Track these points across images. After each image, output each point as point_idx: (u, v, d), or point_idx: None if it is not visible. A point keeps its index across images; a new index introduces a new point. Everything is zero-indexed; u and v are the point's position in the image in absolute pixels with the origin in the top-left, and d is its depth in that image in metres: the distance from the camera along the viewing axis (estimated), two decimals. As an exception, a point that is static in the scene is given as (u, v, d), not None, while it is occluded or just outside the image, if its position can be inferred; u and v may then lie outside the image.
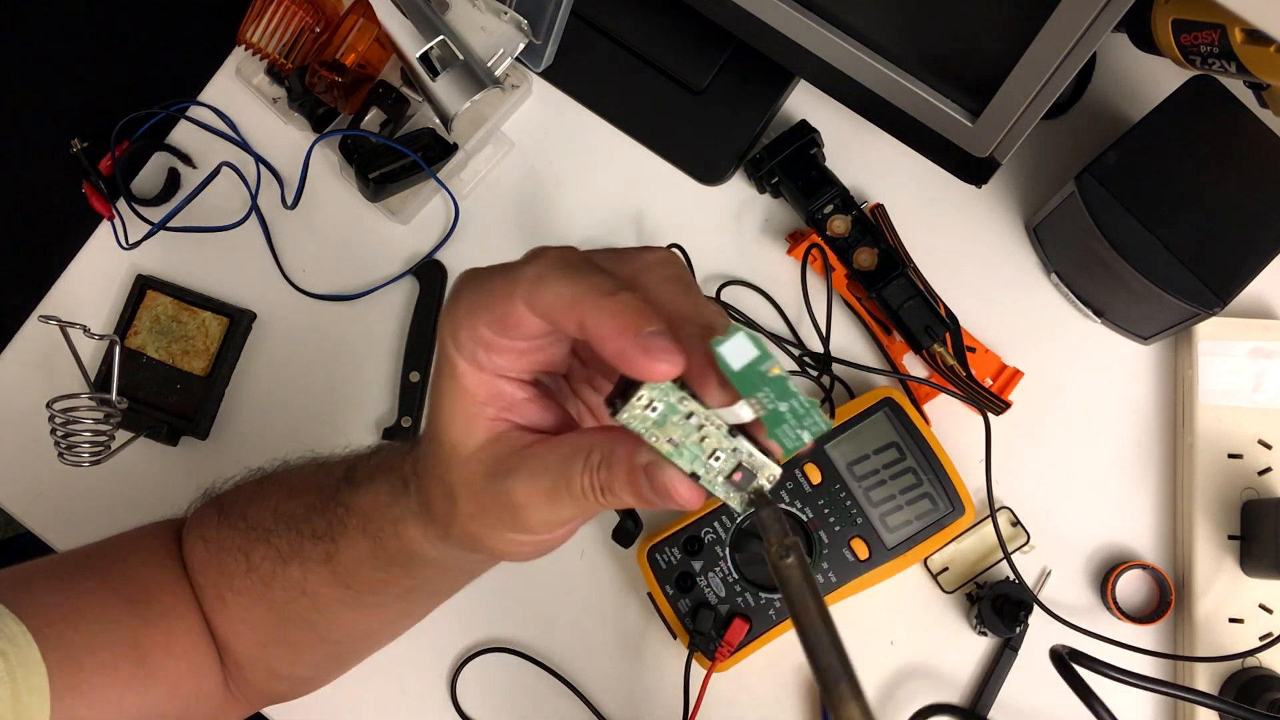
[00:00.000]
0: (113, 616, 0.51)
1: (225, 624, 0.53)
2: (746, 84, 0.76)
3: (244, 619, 0.53)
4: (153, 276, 0.76)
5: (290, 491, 0.51)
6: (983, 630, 0.69)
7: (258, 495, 0.53)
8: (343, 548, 0.47)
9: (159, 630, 0.52)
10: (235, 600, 0.52)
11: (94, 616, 0.50)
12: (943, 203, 0.75)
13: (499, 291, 0.34)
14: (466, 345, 0.36)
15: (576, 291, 0.33)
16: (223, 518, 0.53)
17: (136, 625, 0.51)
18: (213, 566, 0.53)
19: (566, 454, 0.36)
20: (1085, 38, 0.52)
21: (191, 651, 0.53)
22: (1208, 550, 0.68)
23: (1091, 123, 0.75)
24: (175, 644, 0.52)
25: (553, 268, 0.34)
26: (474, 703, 0.71)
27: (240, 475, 0.57)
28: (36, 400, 0.68)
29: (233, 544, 0.52)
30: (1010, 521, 0.71)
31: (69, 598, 0.50)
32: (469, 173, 0.77)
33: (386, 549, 0.45)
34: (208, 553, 0.54)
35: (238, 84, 0.79)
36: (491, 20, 0.71)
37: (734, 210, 0.77)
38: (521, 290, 0.34)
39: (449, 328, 0.36)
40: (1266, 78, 0.57)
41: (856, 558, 0.66)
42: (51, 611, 0.48)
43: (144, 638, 0.51)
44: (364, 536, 0.45)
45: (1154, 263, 0.64)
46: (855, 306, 0.74)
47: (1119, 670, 0.58)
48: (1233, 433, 0.69)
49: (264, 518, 0.51)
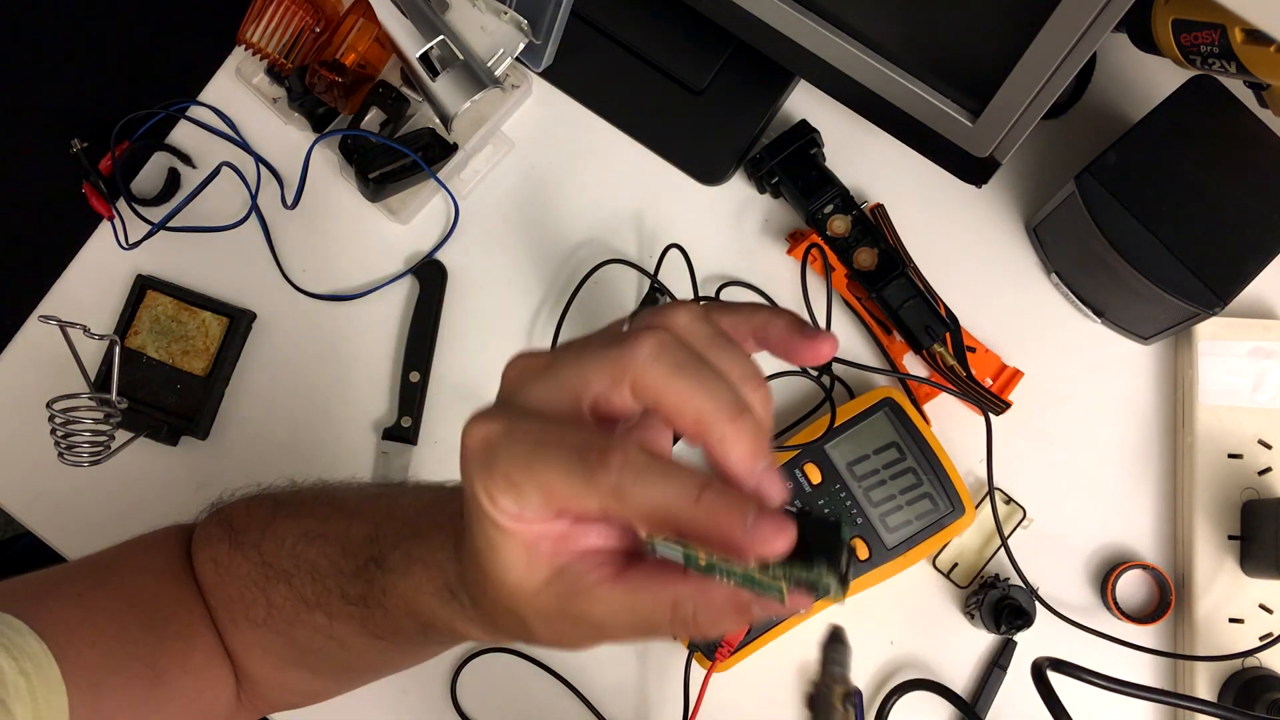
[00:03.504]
0: (130, 635, 0.50)
1: (241, 647, 0.53)
2: (746, 84, 0.76)
3: (261, 645, 0.52)
4: (153, 276, 0.76)
5: (307, 536, 0.50)
6: (970, 613, 0.69)
7: (271, 529, 0.52)
8: (379, 618, 0.45)
9: (174, 648, 0.52)
10: (253, 630, 0.52)
11: (112, 635, 0.50)
12: (943, 203, 0.75)
13: (562, 488, 0.31)
14: (510, 509, 0.32)
15: (668, 500, 0.30)
16: (235, 546, 0.53)
17: (153, 643, 0.51)
18: (226, 592, 0.53)
19: (648, 609, 0.33)
20: (1085, 38, 0.52)
21: (206, 668, 0.53)
22: (1208, 550, 0.68)
23: (1091, 123, 0.75)
24: (190, 660, 0.52)
25: (637, 474, 0.30)
26: (474, 703, 0.71)
27: (245, 490, 0.56)
28: (36, 400, 0.68)
29: (247, 576, 0.51)
30: (1004, 500, 0.71)
31: (87, 614, 0.50)
32: (469, 173, 0.77)
33: (435, 634, 0.44)
34: (219, 576, 0.53)
35: (238, 84, 0.79)
36: (491, 20, 0.71)
37: (734, 210, 0.77)
38: (598, 501, 0.31)
39: (484, 489, 0.32)
40: (1266, 78, 0.57)
41: (856, 558, 0.66)
42: (71, 630, 0.48)
43: (161, 655, 0.51)
44: (408, 619, 0.44)
45: (1154, 263, 0.64)
46: (855, 306, 0.74)
47: (1104, 677, 0.58)
48: (1233, 433, 0.69)
49: (281, 558, 0.50)
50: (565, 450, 0.31)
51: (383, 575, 0.45)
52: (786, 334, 0.36)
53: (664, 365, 0.32)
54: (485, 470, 0.32)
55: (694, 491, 0.30)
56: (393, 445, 0.74)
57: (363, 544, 0.47)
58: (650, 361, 0.32)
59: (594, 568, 0.34)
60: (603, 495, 0.31)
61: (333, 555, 0.48)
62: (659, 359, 0.32)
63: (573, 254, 0.76)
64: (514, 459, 0.32)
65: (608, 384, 0.32)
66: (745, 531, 0.30)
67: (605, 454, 0.31)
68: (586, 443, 0.31)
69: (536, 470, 0.32)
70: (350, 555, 0.47)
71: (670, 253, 0.74)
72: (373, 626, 0.46)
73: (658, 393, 0.32)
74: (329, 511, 0.50)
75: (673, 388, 0.31)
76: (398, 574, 0.44)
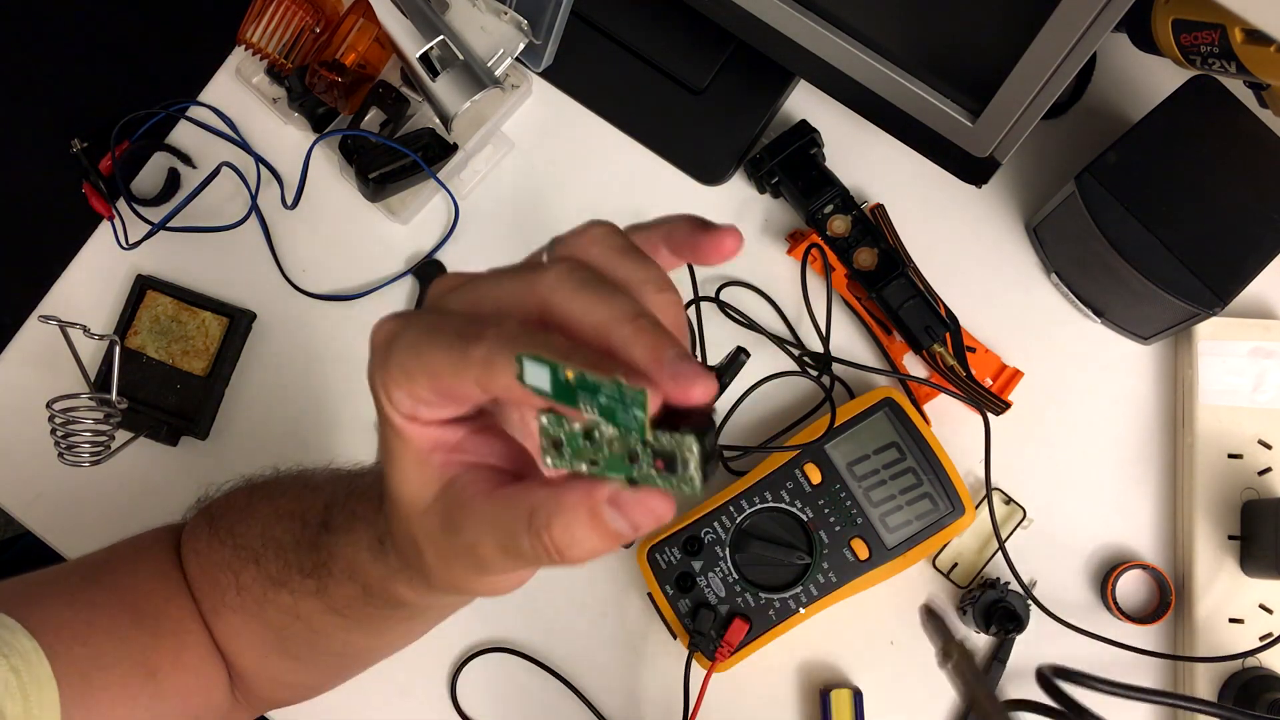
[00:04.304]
0: (122, 632, 0.50)
1: (224, 638, 0.53)
2: (746, 84, 0.76)
3: (240, 634, 0.52)
4: (153, 276, 0.76)
5: (277, 514, 0.50)
6: (963, 609, 0.69)
7: (246, 511, 0.52)
8: (331, 588, 0.46)
9: (168, 644, 0.52)
10: (230, 616, 0.52)
11: (105, 631, 0.50)
12: (943, 203, 0.75)
13: (443, 365, 0.31)
14: (404, 404, 0.33)
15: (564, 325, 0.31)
16: (212, 533, 0.53)
17: (146, 640, 0.51)
18: (206, 581, 0.53)
19: (508, 519, 0.32)
20: (1085, 38, 0.52)
21: (200, 664, 0.53)
22: (1208, 550, 0.68)
23: (1091, 123, 0.75)
24: (184, 657, 0.52)
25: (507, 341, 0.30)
26: (474, 703, 0.71)
27: (232, 483, 0.56)
28: (36, 400, 0.68)
29: (222, 561, 0.51)
30: (1004, 500, 0.71)
31: (79, 612, 0.50)
32: (469, 173, 0.77)
33: (377, 597, 0.44)
34: (200, 568, 0.53)
35: (238, 84, 0.79)
36: (491, 20, 0.71)
37: (734, 210, 0.77)
38: (473, 373, 0.31)
39: (381, 383, 0.33)
40: (1266, 78, 0.57)
41: (856, 558, 0.66)
42: (63, 627, 0.48)
43: (154, 652, 0.51)
44: (352, 583, 0.44)
45: (1154, 263, 0.64)
46: (855, 306, 0.74)
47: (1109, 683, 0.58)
48: (1233, 433, 0.69)
49: (251, 539, 0.50)
50: (450, 332, 0.31)
51: (329, 538, 0.45)
52: (689, 234, 0.35)
53: (567, 287, 0.31)
54: (382, 363, 0.33)
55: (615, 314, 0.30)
56: (393, 445, 0.74)
57: (318, 512, 0.47)
58: (555, 285, 0.31)
59: (475, 481, 0.34)
60: (479, 366, 0.30)
61: (295, 530, 0.48)
62: (563, 282, 0.32)
63: (573, 254, 0.76)
64: (407, 347, 0.32)
65: (517, 306, 0.32)
66: (663, 364, 0.29)
67: (482, 325, 0.31)
68: (469, 321, 0.32)
69: (424, 353, 0.32)
70: (308, 525, 0.47)
71: (670, 253, 0.73)
72: (328, 599, 0.46)
73: (564, 315, 0.31)
74: (301, 490, 0.50)
75: (574, 306, 0.31)
76: (341, 533, 0.44)
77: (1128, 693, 0.58)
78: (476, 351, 0.30)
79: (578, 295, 0.31)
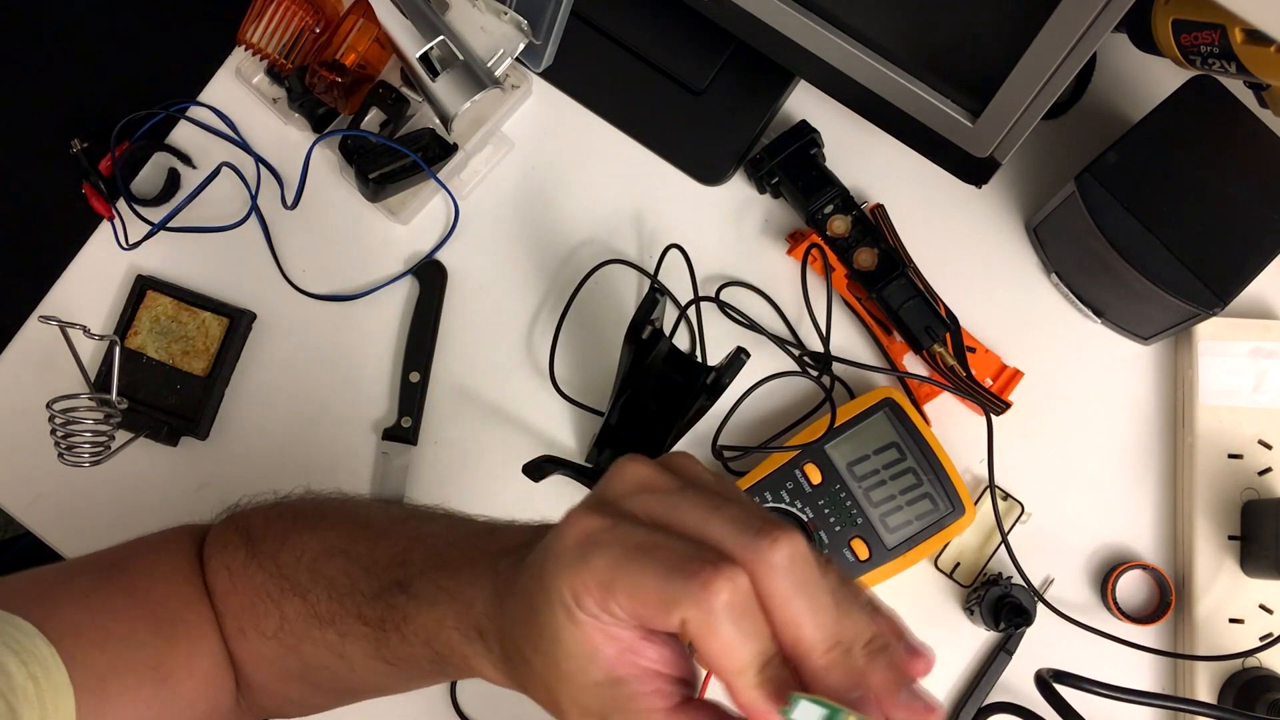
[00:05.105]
0: (139, 638, 0.50)
1: (246, 656, 0.53)
2: (746, 84, 0.76)
3: (267, 658, 0.52)
4: (153, 276, 0.76)
5: (327, 551, 0.50)
6: (970, 609, 0.69)
7: (289, 540, 0.52)
8: (395, 643, 0.45)
9: (181, 651, 0.52)
10: (262, 641, 0.51)
11: (121, 637, 0.50)
12: (943, 203, 0.75)
13: (652, 599, 0.31)
14: (590, 608, 0.33)
15: (751, 654, 0.31)
16: (251, 555, 0.53)
17: (161, 646, 0.51)
18: (237, 602, 0.52)
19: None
20: (1085, 38, 0.52)
21: (211, 672, 0.53)
22: (1208, 550, 0.68)
23: (1091, 123, 0.75)
24: (196, 664, 0.52)
25: (731, 613, 0.30)
26: (474, 703, 0.71)
27: (263, 497, 0.56)
28: (36, 400, 0.68)
29: (261, 587, 0.51)
30: (1001, 497, 0.71)
31: (96, 616, 0.50)
32: (469, 173, 0.77)
33: (450, 665, 0.44)
34: (232, 584, 0.53)
35: (238, 84, 0.79)
36: (491, 20, 0.71)
37: (734, 210, 0.77)
38: (690, 615, 0.30)
39: (569, 585, 0.32)
40: (1266, 78, 0.57)
41: (857, 558, 0.66)
42: (80, 633, 0.48)
43: (167, 658, 0.51)
44: (425, 648, 0.44)
45: (1154, 263, 0.64)
46: (855, 306, 0.74)
47: (1108, 686, 0.58)
48: (1233, 433, 0.69)
49: (299, 572, 0.50)
50: (664, 565, 0.31)
51: (406, 601, 0.45)
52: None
53: (791, 579, 0.31)
54: (578, 565, 0.32)
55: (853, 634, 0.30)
56: (393, 446, 0.74)
57: (388, 566, 0.46)
58: (782, 568, 0.31)
59: (652, 693, 0.34)
60: (698, 620, 0.30)
61: (353, 574, 0.48)
62: (790, 571, 0.31)
63: (573, 254, 0.76)
64: (613, 563, 0.32)
65: (726, 553, 0.31)
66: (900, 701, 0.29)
67: (717, 569, 0.30)
68: (687, 558, 0.31)
69: (633, 575, 0.31)
70: (373, 576, 0.47)
71: (670, 253, 0.74)
72: (385, 651, 0.46)
73: (780, 608, 0.31)
74: (352, 528, 0.50)
75: (793, 606, 0.31)
76: (423, 602, 0.44)
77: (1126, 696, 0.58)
78: (710, 600, 0.30)
79: (798, 596, 0.31)
